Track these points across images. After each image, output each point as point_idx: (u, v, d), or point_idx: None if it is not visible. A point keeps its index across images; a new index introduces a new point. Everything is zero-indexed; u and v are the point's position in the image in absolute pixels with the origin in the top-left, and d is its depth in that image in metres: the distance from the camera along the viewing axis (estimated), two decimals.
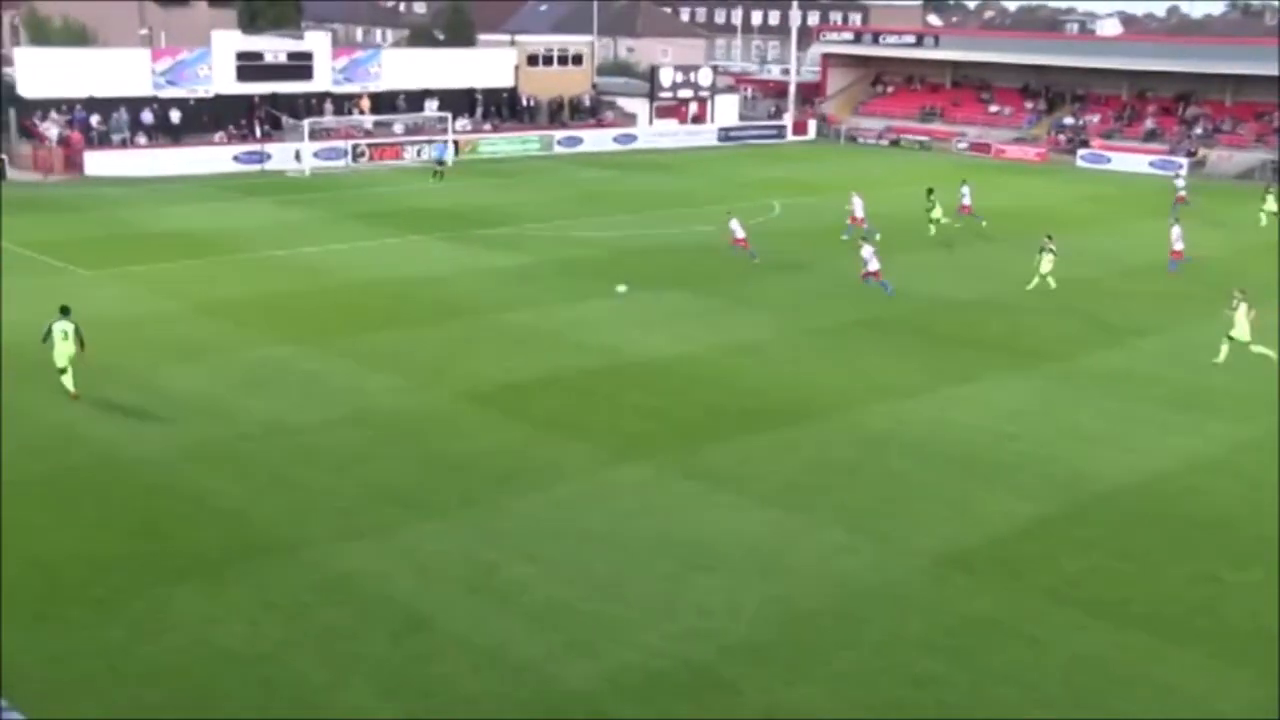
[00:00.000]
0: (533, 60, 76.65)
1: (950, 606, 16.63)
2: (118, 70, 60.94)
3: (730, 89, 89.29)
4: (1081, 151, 72.36)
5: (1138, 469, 22.02)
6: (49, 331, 24.70)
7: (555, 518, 19.18)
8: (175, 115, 61.54)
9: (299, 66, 65.55)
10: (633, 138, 74.86)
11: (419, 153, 64.96)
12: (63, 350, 24.50)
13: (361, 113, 66.82)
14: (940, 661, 15.15)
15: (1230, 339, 28.82)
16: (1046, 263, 35.68)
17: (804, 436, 23.31)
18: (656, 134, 76.45)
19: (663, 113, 79.29)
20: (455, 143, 64.92)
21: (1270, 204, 48.93)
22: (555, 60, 77.99)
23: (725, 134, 79.93)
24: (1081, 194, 55.94)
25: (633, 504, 19.84)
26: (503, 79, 74.29)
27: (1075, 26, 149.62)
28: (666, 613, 16.17)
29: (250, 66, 63.90)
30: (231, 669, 14.52)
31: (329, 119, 64.71)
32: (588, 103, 77.76)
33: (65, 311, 24.94)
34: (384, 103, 68.13)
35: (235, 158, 60.59)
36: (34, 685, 13.69)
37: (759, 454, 22.25)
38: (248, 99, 63.48)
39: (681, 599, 16.56)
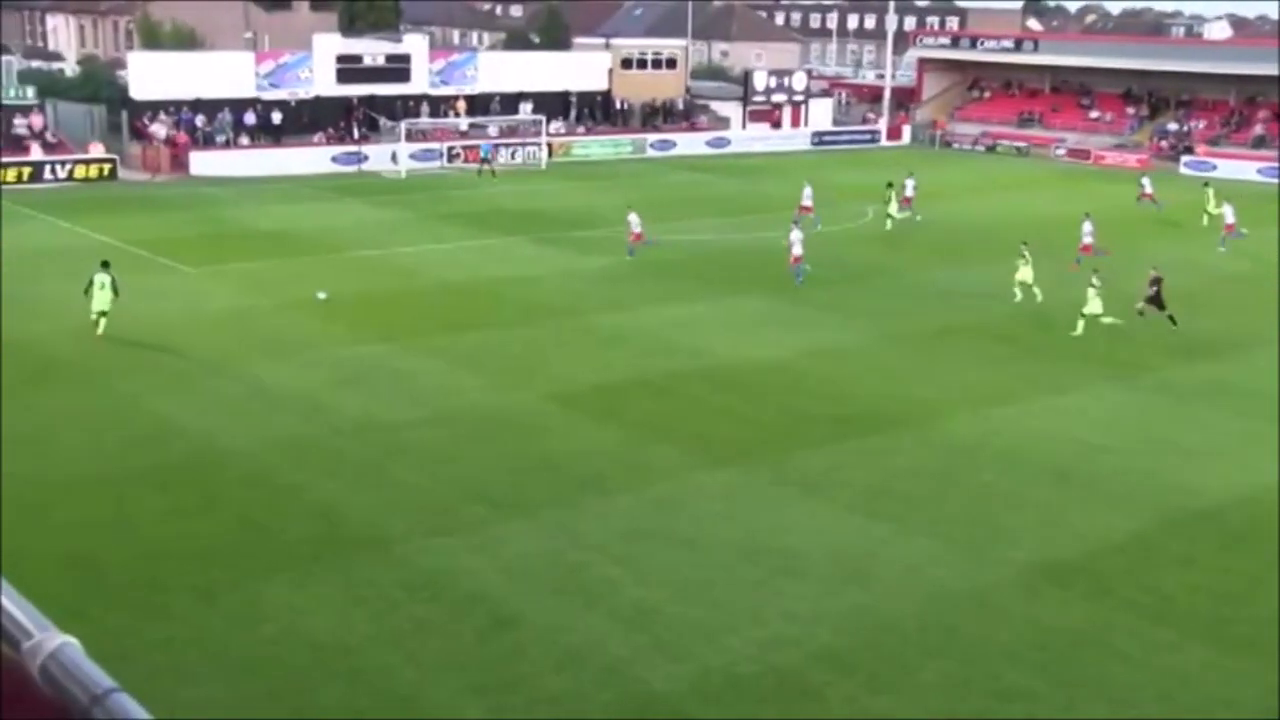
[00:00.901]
0: (627, 63, 76.87)
1: (1040, 619, 16.37)
2: (223, 72, 62.29)
3: (824, 93, 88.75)
4: (1185, 158, 70.80)
5: (1239, 484, 21.49)
6: (90, 283, 28.67)
7: (643, 520, 19.21)
8: (276, 116, 62.76)
9: (397, 69, 66.44)
10: (725, 141, 74.79)
11: (512, 155, 65.53)
12: (101, 298, 28.51)
13: (457, 115, 67.55)
14: (1029, 674, 14.92)
15: (1084, 316, 30.92)
16: (1024, 272, 34.79)
17: (893, 444, 23.10)
18: (749, 138, 76.28)
19: (756, 117, 79.10)
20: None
21: (1210, 203, 48.49)
22: (649, 63, 78.13)
23: (818, 138, 79.49)
24: (1184, 202, 54.68)
25: (721, 508, 19.81)
26: (597, 82, 74.62)
27: (1181, 30, 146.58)
28: (753, 618, 16.12)
29: (349, 69, 64.90)
30: (321, 662, 14.75)
31: (425, 121, 65.49)
32: (681, 106, 77.82)
33: (105, 265, 29.38)
34: (479, 105, 68.79)
35: (333, 159, 61.57)
36: (138, 670, 14.02)
37: (847, 460, 22.10)
38: (346, 101, 64.51)
39: (768, 605, 16.49)
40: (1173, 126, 75.76)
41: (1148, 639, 15.93)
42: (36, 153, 55.60)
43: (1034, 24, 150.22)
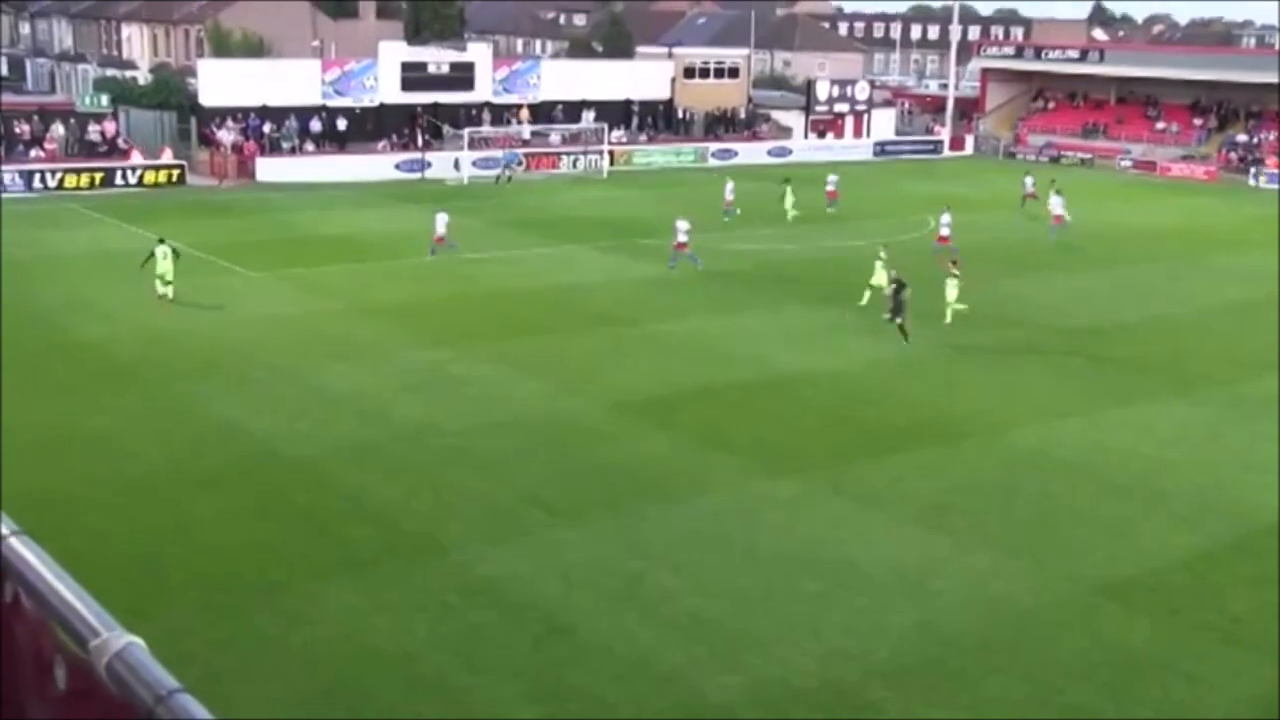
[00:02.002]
0: (689, 72, 76.92)
1: (1104, 637, 16.10)
2: (290, 80, 63.02)
3: (887, 103, 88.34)
4: (1255, 170, 69.64)
5: None
6: (150, 255, 32.71)
7: (702, 529, 19.13)
8: (342, 124, 63.35)
9: (461, 77, 66.86)
10: (787, 151, 74.58)
11: (574, 163, 65.74)
12: (165, 266, 32.37)
13: (520, 123, 67.87)
14: (1091, 693, 14.67)
15: (871, 287, 33.92)
16: (951, 290, 34.14)
17: (955, 456, 22.86)
18: (811, 147, 76.01)
19: (818, 126, 78.84)
20: (610, 152, 65.38)
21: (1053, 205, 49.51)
22: (712, 73, 78.13)
23: (881, 148, 79.06)
24: (1253, 215, 53.85)
25: (780, 519, 19.69)
26: (659, 91, 74.69)
27: (1252, 40, 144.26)
28: (811, 630, 15.99)
29: (414, 77, 65.40)
30: (378, 665, 14.81)
31: (488, 128, 65.83)
32: (743, 115, 77.74)
33: (162, 241, 33.09)
34: (542, 113, 69.10)
35: (396, 165, 62.07)
36: (198, 669, 14.15)
37: (909, 473, 21.89)
38: (410, 109, 64.98)
39: (826, 617, 16.36)
40: (1242, 138, 74.57)
41: (1216, 660, 15.61)
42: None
43: (1099, 34, 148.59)
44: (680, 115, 75.05)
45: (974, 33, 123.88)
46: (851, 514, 20.00)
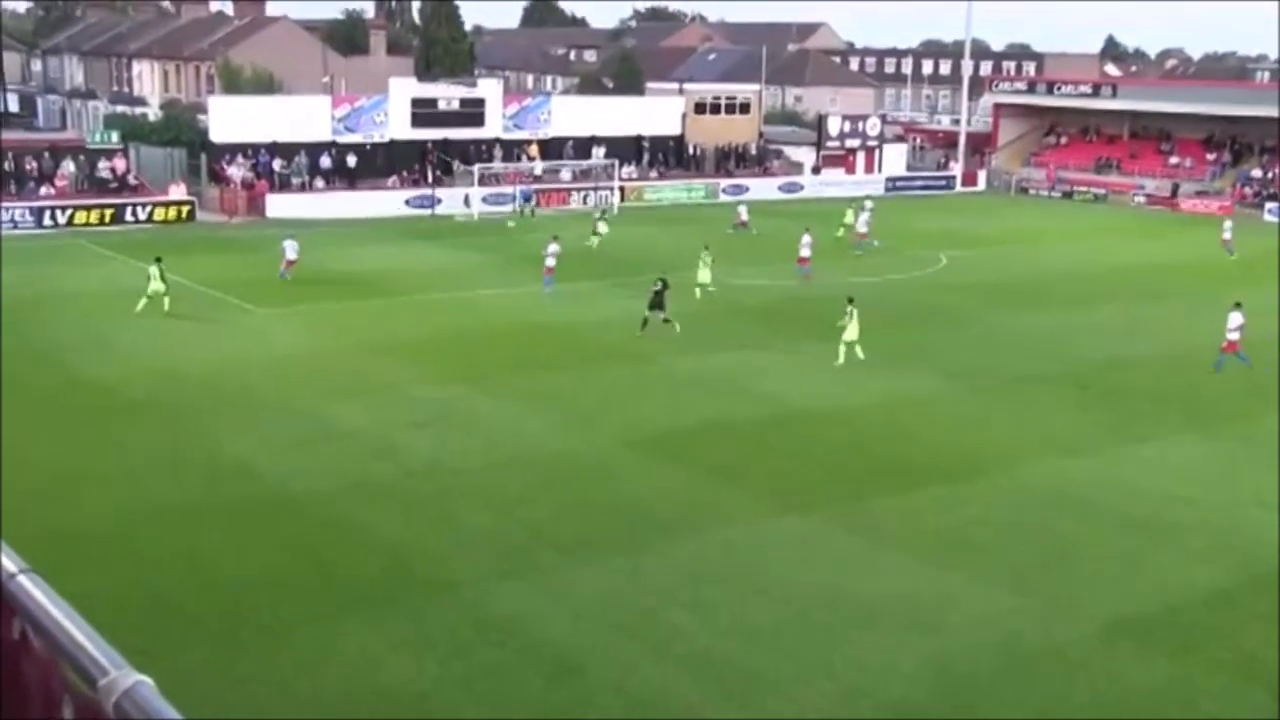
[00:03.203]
0: (700, 108, 77.29)
1: (1120, 675, 15.99)
2: (300, 116, 63.41)
3: (898, 139, 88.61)
4: (1270, 205, 69.62)
5: None
6: (149, 275, 35.71)
7: (715, 566, 19.09)
8: (352, 160, 63.70)
9: (471, 113, 67.22)
10: (799, 186, 74.80)
11: (585, 199, 65.99)
12: (156, 287, 35.49)
13: (530, 159, 68.19)
14: None
15: (699, 285, 37.78)
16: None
17: (969, 492, 22.80)
18: (822, 183, 76.23)
19: (829, 162, 79.08)
20: (621, 188, 65.73)
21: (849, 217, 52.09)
22: (723, 108, 78.50)
23: (892, 184, 79.27)
24: (1268, 249, 53.76)
25: (794, 556, 19.64)
26: (670, 126, 75.05)
27: (1266, 75, 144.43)
28: (823, 668, 15.91)
29: (424, 113, 65.77)
30: (391, 705, 14.76)
31: (498, 165, 66.15)
32: (754, 151, 78.02)
33: (158, 260, 36.21)
34: (553, 149, 69.41)
35: (406, 201, 62.35)
36: (208, 709, 14.12)
37: (923, 509, 21.84)
38: (421, 145, 65.35)
39: (839, 655, 16.28)
40: (1256, 173, 74.60)
41: (1234, 699, 15.49)
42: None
43: (1112, 69, 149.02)
44: (691, 151, 75.39)
45: (986, 68, 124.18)
46: (864, 550, 19.94)
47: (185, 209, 57.40)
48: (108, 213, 55.28)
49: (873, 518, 21.36)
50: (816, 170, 77.85)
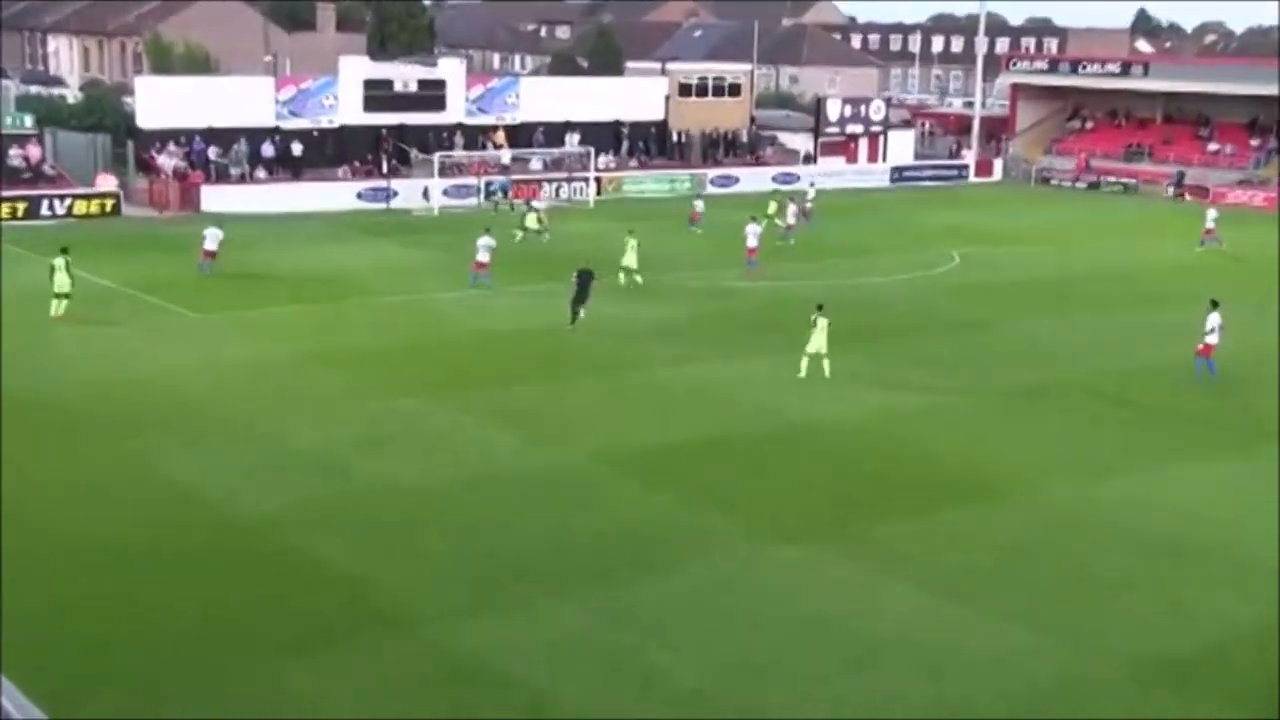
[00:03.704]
0: (685, 90, 77.52)
1: None
2: (239, 99, 63.44)
3: (905, 124, 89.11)
4: None
5: None
6: (51, 268, 35.63)
7: (702, 599, 19.35)
8: (297, 148, 63.84)
9: (430, 96, 67.42)
10: (794, 177, 75.15)
11: (557, 191, 66.25)
12: (62, 280, 35.44)
13: (496, 147, 68.41)
14: None
15: (623, 269, 40.53)
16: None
17: (983, 516, 23.14)
18: (821, 173, 76.59)
19: (829, 150, 79.51)
20: (597, 179, 66.01)
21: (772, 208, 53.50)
22: (710, 90, 78.70)
23: (898, 174, 79.79)
24: None
25: (789, 586, 19.92)
26: (651, 111, 75.38)
27: None
28: (822, 711, 16.19)
29: (378, 96, 65.91)
30: None
31: (460, 153, 66.40)
32: (745, 138, 78.39)
33: (64, 251, 36.18)
34: (521, 136, 69.66)
35: (359, 194, 62.49)
36: None
37: (932, 535, 22.16)
38: (374, 131, 65.54)
39: (841, 697, 16.56)
40: None
41: None
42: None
43: (1143, 45, 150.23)
44: (675, 138, 75.73)
45: (1002, 45, 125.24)
46: (867, 581, 20.23)
47: (110, 202, 57.39)
48: (20, 206, 55.15)
49: (877, 545, 21.66)
50: (810, 158, 78.32)
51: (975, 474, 25.44)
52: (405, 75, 67.55)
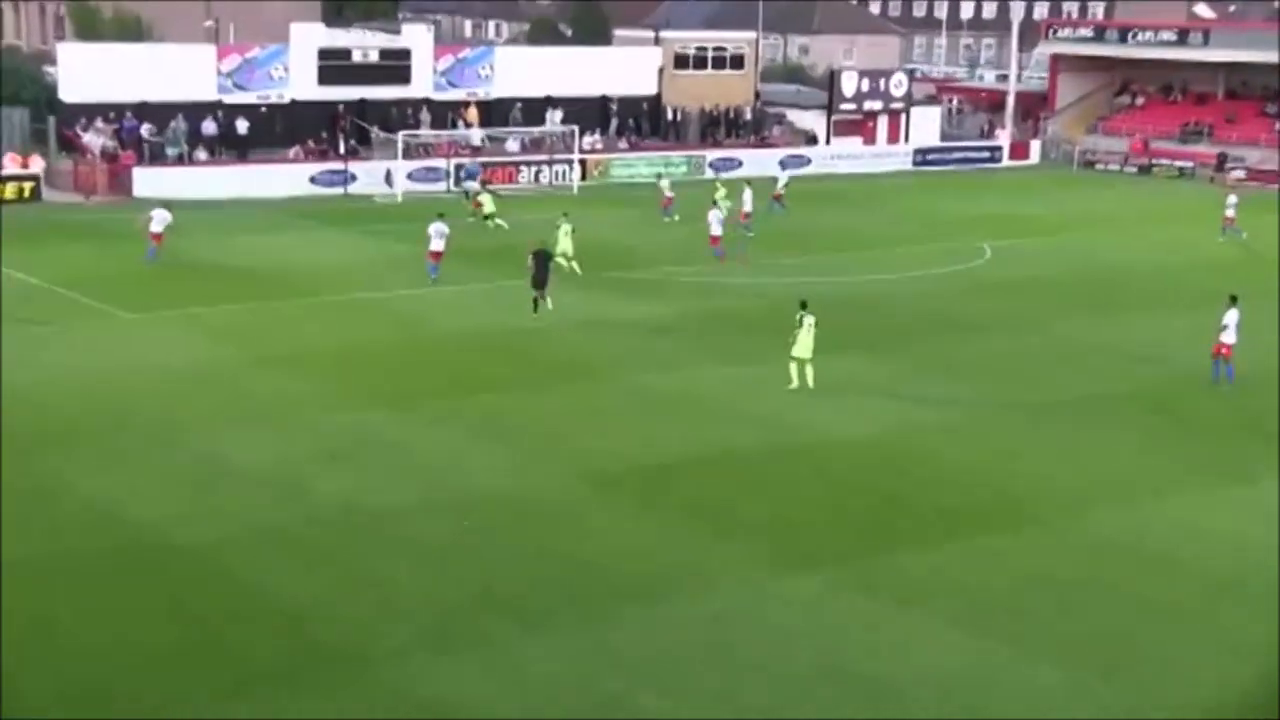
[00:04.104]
0: (681, 62, 77.66)
1: None
2: (176, 70, 63.34)
3: (931, 99, 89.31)
4: None
5: None
6: None
7: (699, 637, 19.32)
8: (242, 126, 63.86)
9: (393, 67, 67.52)
10: (805, 160, 75.26)
11: (537, 175, 66.28)
12: None
13: (468, 125, 68.41)
14: None
15: (564, 257, 41.08)
16: (803, 343, 35.20)
17: (1015, 544, 23.16)
18: (835, 156, 76.76)
19: (844, 129, 79.63)
20: (581, 161, 66.06)
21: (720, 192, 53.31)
22: (709, 62, 78.85)
23: (922, 157, 79.92)
24: None
25: (796, 624, 19.92)
26: (643, 85, 75.50)
27: None
28: None
29: (334, 67, 66.01)
30: None
31: (428, 133, 66.38)
32: (749, 116, 78.49)
33: None
34: (496, 113, 69.72)
35: (313, 178, 62.47)
36: None
37: (956, 564, 22.17)
38: (330, 107, 65.56)
39: None
40: None
41: None
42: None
43: (1203, 10, 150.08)
44: (669, 116, 75.78)
45: (1041, 10, 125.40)
46: (885, 616, 20.24)
47: (28, 186, 57.24)
48: None
49: (897, 575, 21.66)
50: (812, 139, 78.45)
51: (1006, 497, 25.46)
52: (365, 44, 67.59)
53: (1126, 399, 32.20)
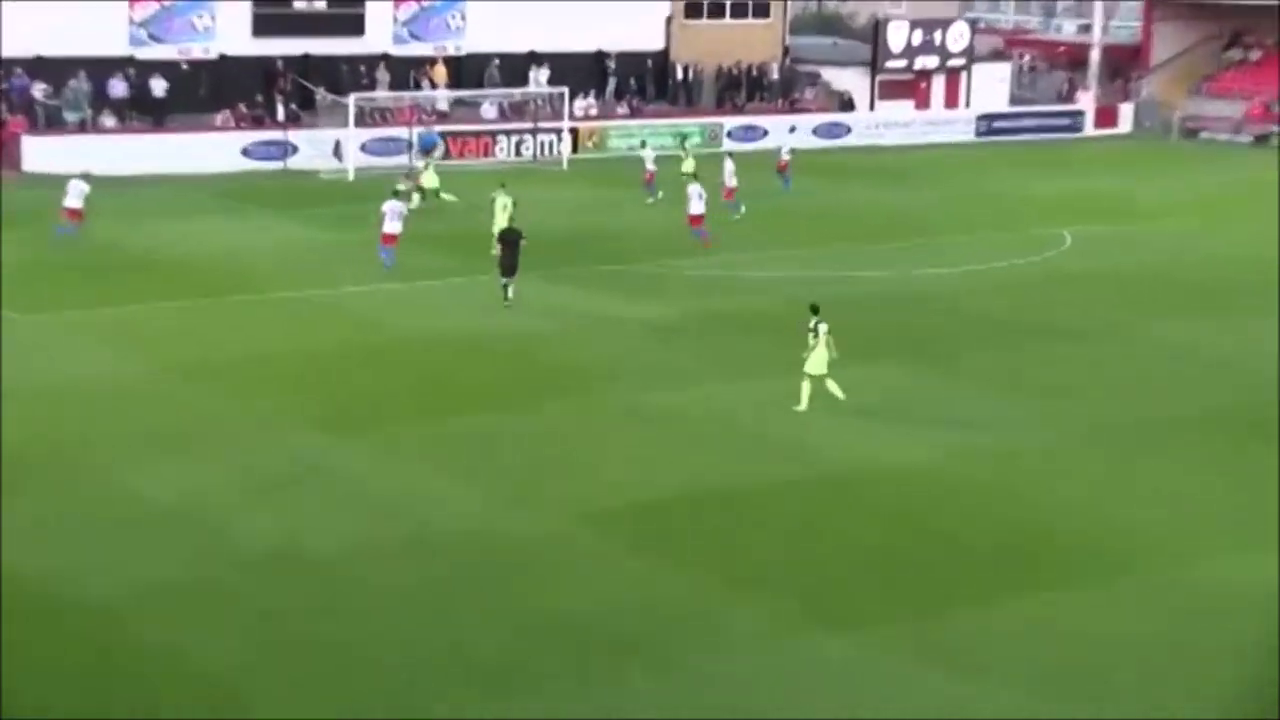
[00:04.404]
0: (694, 10, 77.41)
1: None
2: (77, 19, 62.62)
3: (998, 55, 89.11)
4: None
5: None
6: None
7: (716, 707, 19.36)
8: (159, 86, 63.74)
9: (344, 16, 67.53)
10: (844, 129, 75.25)
11: (518, 147, 66.22)
12: None
13: (435, 86, 68.35)
14: None
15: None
16: (817, 355, 35.33)
17: (1096, 598, 23.06)
18: (880, 124, 76.73)
19: (890, 91, 79.55)
20: (572, 130, 66.07)
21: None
22: (728, 10, 78.67)
23: (987, 125, 79.88)
24: None
25: (833, 692, 19.92)
26: (648, 38, 75.49)
27: None
28: None
29: (272, 16, 65.96)
30: None
31: (385, 95, 66.32)
32: (776, 75, 78.37)
33: None
34: (469, 72, 69.77)
35: (245, 150, 62.50)
36: None
37: (1024, 623, 22.09)
38: (267, 64, 65.59)
39: None
40: None
41: None
42: None
43: None
44: (680, 75, 75.69)
45: None
46: (940, 685, 20.21)
47: None
48: None
49: (952, 635, 21.60)
50: (847, 104, 78.39)
51: (1091, 539, 25.34)
52: None
53: (1232, 418, 32.03)
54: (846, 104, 78.57)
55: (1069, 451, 30.01)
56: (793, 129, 68.42)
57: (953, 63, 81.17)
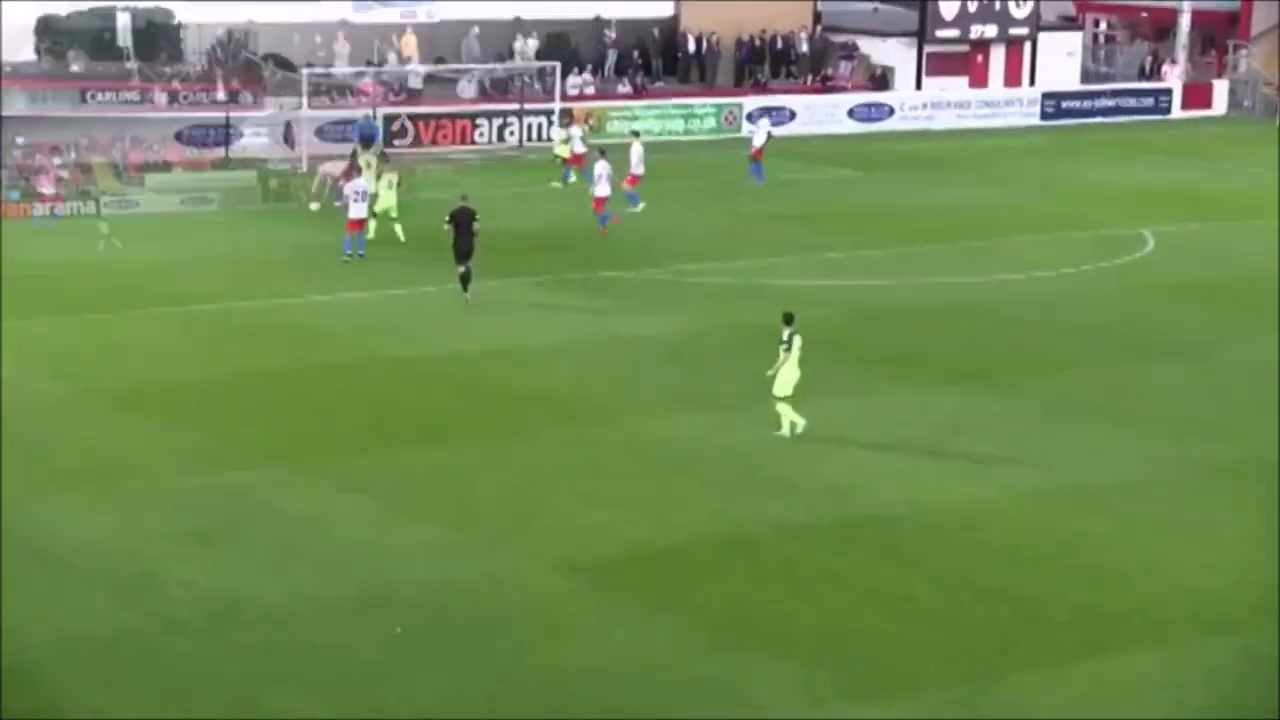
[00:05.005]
0: None
1: None
2: None
3: (1068, 22, 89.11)
4: None
5: None
6: None
7: None
8: (78, 62, 63.82)
9: None
10: (885, 111, 75.37)
11: (500, 132, 66.26)
12: None
13: (403, 59, 68.43)
14: None
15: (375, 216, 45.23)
16: (786, 374, 35.38)
17: (1192, 662, 23.02)
18: (928, 105, 76.81)
19: (942, 66, 79.62)
20: (568, 111, 66.17)
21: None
22: None
23: (1055, 106, 79.89)
24: None
25: None
26: (654, 4, 75.64)
27: None
28: None
29: None
30: None
31: (345, 69, 66.42)
32: (805, 47, 78.45)
33: None
34: (444, 43, 69.85)
35: (178, 135, 62.44)
36: None
37: (1114, 694, 22.02)
38: (204, 33, 65.60)
39: None
40: None
41: None
42: None
43: None
44: (691, 48, 75.77)
45: None
46: None
47: None
48: None
49: (1017, 705, 21.55)
50: (884, 82, 78.53)
51: (1179, 594, 25.25)
52: None
53: None
54: (887, 81, 78.41)
55: (1157, 490, 29.87)
56: (755, 117, 67.57)
57: (1015, 31, 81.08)
